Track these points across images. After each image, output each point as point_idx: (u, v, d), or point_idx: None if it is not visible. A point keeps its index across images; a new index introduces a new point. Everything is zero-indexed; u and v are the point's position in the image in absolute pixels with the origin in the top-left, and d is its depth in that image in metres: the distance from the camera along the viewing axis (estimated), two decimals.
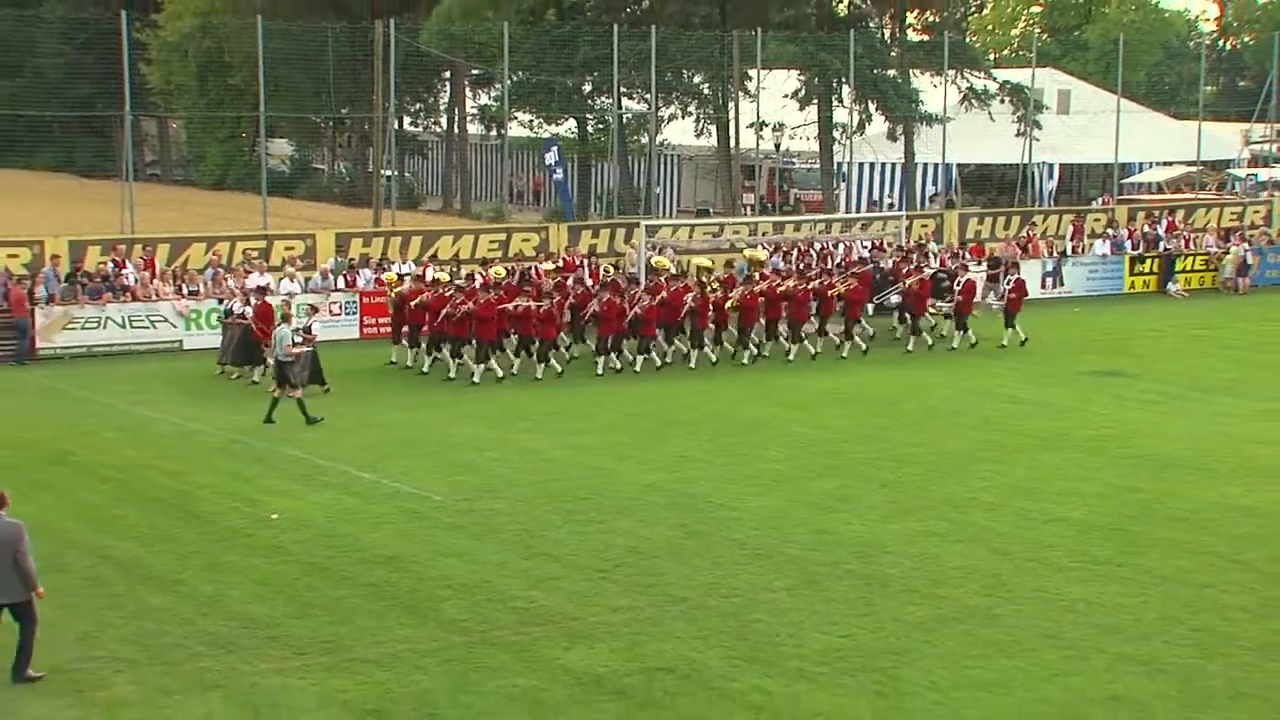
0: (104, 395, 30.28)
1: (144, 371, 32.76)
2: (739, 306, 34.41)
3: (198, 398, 30.13)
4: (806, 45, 56.74)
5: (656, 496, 23.03)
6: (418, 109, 73.30)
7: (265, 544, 20.47)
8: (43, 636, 16.49)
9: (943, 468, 25.09)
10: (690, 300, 33.93)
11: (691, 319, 34.15)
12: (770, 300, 34.92)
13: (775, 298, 34.92)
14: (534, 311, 32.30)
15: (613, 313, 32.98)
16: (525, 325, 32.51)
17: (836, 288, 35.95)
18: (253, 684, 15.63)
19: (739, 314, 34.53)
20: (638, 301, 33.33)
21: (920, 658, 16.54)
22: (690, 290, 34.23)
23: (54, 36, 79.62)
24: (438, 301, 32.25)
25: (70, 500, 22.57)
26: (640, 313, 33.24)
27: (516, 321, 32.60)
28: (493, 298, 32.11)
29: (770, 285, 34.96)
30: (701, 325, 34.20)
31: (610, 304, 33.01)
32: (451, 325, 32.01)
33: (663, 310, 33.72)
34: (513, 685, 15.65)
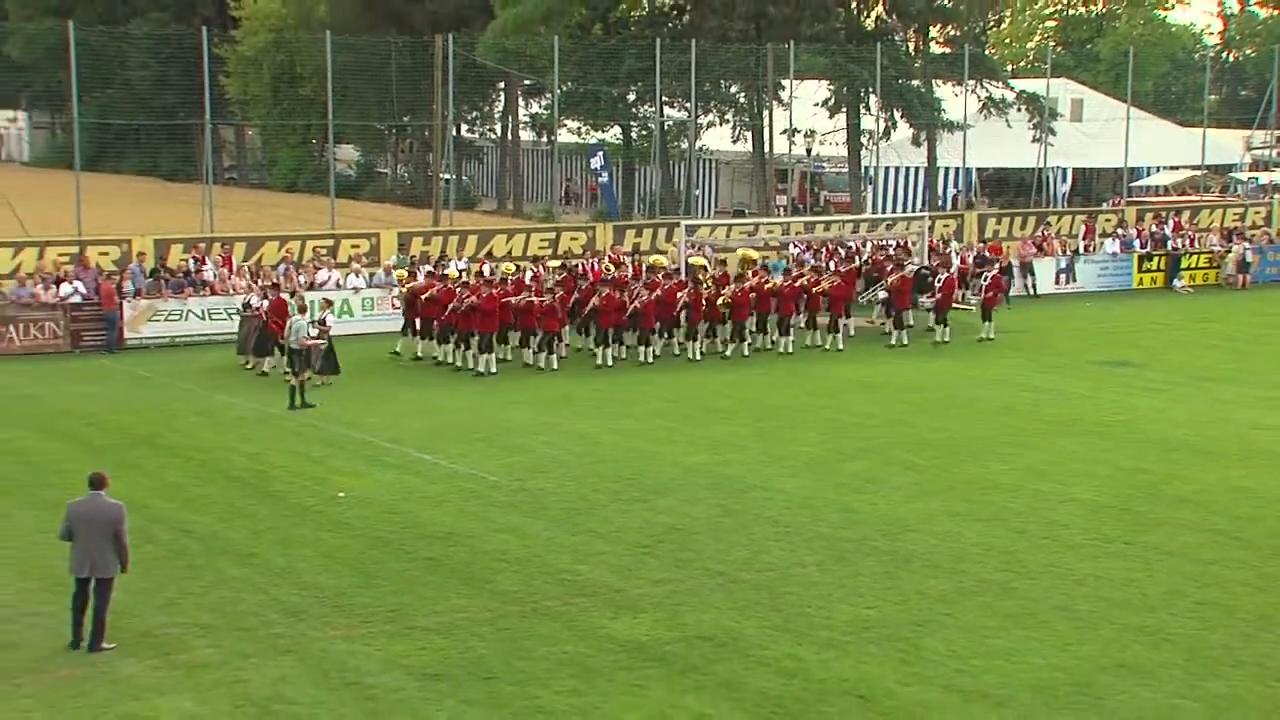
0: (186, 382, 30.44)
1: (222, 360, 32.85)
2: (730, 303, 33.93)
3: (272, 384, 30.22)
4: (836, 57, 56.55)
5: (696, 477, 23.01)
6: (474, 117, 73.42)
7: (333, 520, 20.54)
8: (132, 603, 16.66)
9: (963, 451, 24.99)
10: (684, 296, 33.56)
11: (687, 314, 33.77)
12: (760, 297, 34.46)
13: (765, 294, 34.48)
14: (537, 306, 31.95)
15: (612, 306, 32.61)
16: (528, 319, 32.14)
17: (821, 285, 35.50)
18: (322, 649, 15.70)
19: (730, 310, 34.06)
20: (636, 297, 32.98)
21: (941, 628, 16.50)
22: (685, 287, 33.87)
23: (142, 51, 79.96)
24: (446, 295, 31.93)
25: (156, 479, 22.69)
26: (639, 307, 32.88)
27: (520, 315, 32.22)
28: (495, 292, 31.67)
29: (759, 282, 34.54)
30: (696, 320, 33.81)
31: (610, 298, 32.64)
32: (457, 318, 31.72)
33: (659, 306, 33.31)
34: (561, 652, 15.68)
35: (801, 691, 14.71)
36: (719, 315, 34.09)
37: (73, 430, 26.20)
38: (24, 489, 21.93)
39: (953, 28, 60.27)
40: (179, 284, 35.83)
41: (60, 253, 36.54)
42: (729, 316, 34.19)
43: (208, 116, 45.66)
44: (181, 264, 36.93)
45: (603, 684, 14.84)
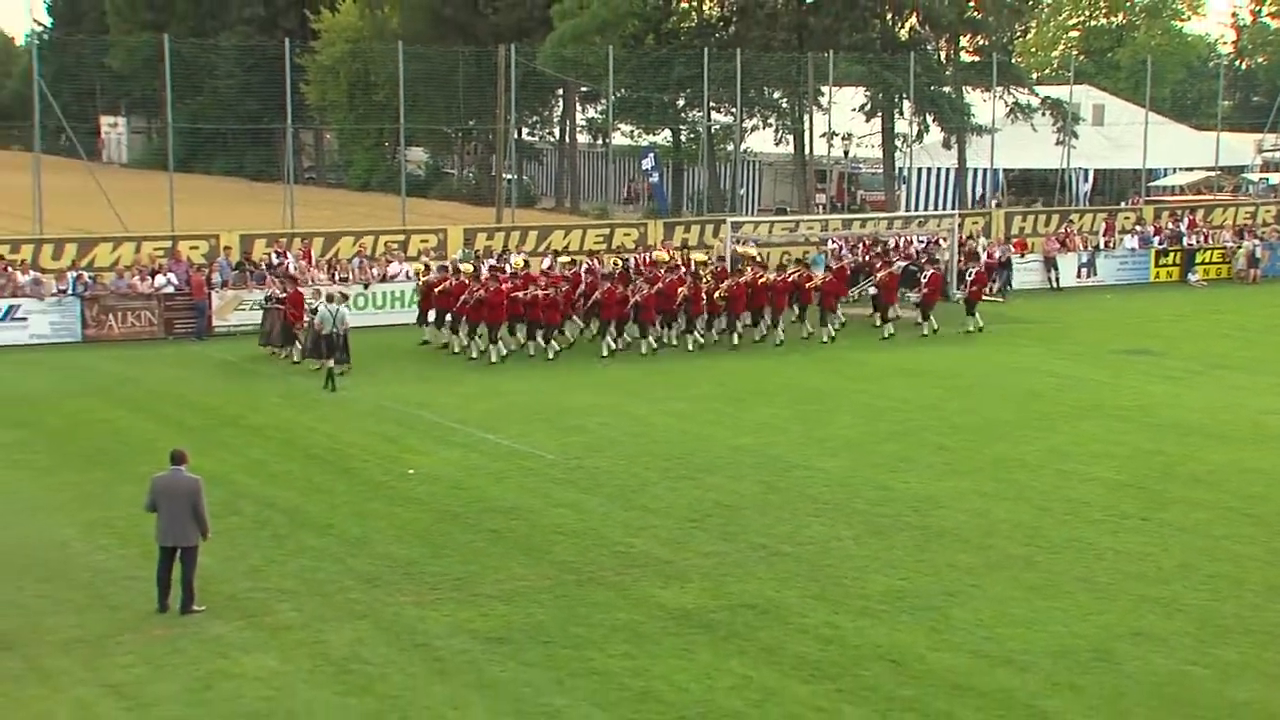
0: (268, 367, 30.60)
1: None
2: (727, 296, 33.27)
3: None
4: (872, 65, 56.26)
5: (742, 457, 22.97)
6: (534, 121, 73.42)
7: (404, 495, 20.62)
8: (220, 570, 16.80)
9: (992, 433, 24.85)
10: (685, 290, 33.01)
11: (686, 307, 33.19)
12: (755, 291, 33.83)
13: (760, 289, 33.83)
14: (541, 299, 31.49)
15: (613, 300, 32.19)
16: (534, 311, 31.59)
17: (814, 280, 34.94)
18: (394, 614, 15.77)
19: (727, 303, 33.36)
20: (638, 291, 32.49)
21: (969, 598, 16.43)
22: (684, 282, 33.33)
23: (229, 62, 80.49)
24: (458, 288, 31.71)
25: (242, 456, 22.84)
26: (640, 300, 32.40)
27: (526, 307, 31.66)
28: (504, 286, 31.35)
29: (754, 277, 33.91)
30: (696, 312, 33.27)
31: (611, 292, 32.22)
32: (468, 310, 31.45)
33: (660, 299, 32.79)
34: (615, 618, 15.69)
35: (838, 656, 14.68)
36: (717, 308, 33.38)
37: (166, 410, 26.41)
38: (123, 463, 22.14)
39: (982, 37, 59.80)
40: (262, 275, 35.99)
41: (155, 247, 36.81)
42: (725, 309, 33.44)
43: (289, 121, 45.80)
44: (264, 257, 37.11)
45: (653, 648, 14.85)
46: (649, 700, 13.59)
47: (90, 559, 17.52)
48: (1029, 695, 13.82)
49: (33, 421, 25.21)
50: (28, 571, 17.01)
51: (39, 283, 33.95)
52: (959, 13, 57.33)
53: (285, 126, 46.54)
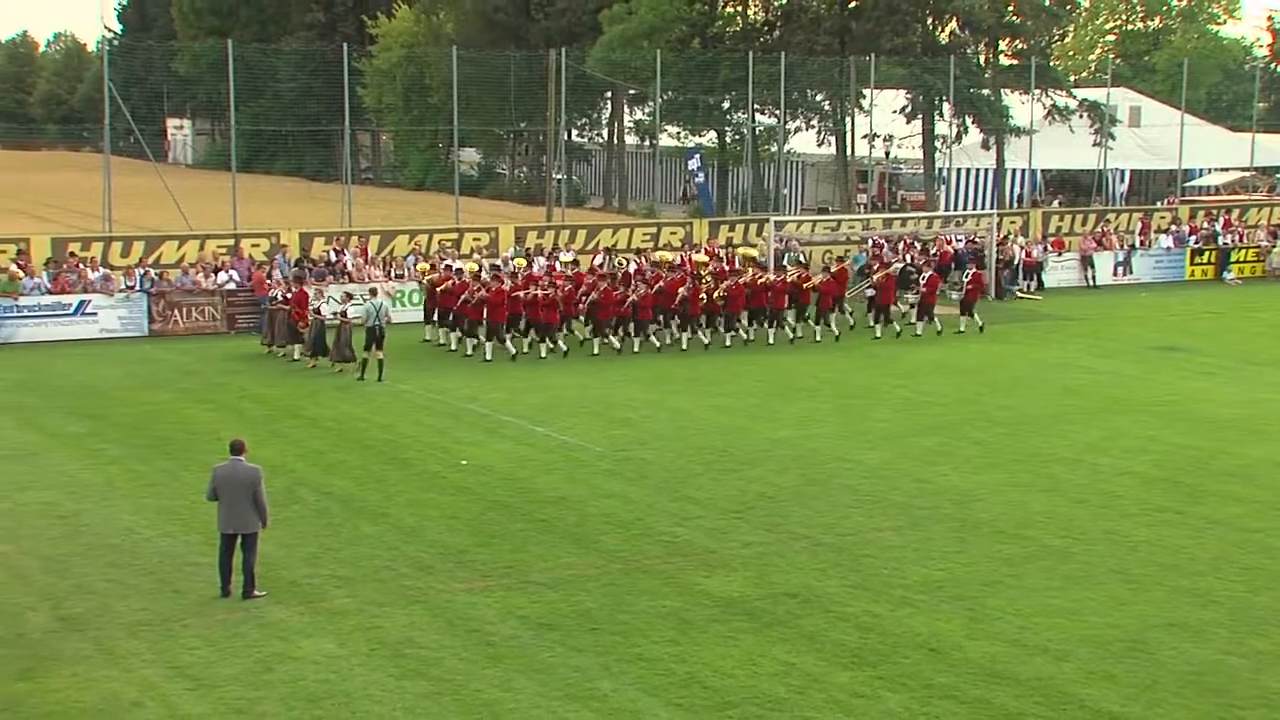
0: (326, 361, 30.75)
1: (358, 342, 32.95)
2: (726, 296, 32.79)
3: (402, 363, 30.47)
4: (913, 68, 56.00)
5: (783, 450, 22.93)
6: (583, 123, 73.44)
7: (456, 485, 20.69)
8: (279, 557, 16.91)
9: (1028, 428, 24.70)
10: (684, 291, 32.54)
11: (685, 307, 32.63)
12: (754, 292, 33.36)
13: (759, 290, 33.36)
14: (540, 299, 31.17)
15: (610, 300, 31.78)
16: (534, 311, 31.28)
17: (811, 281, 34.31)
18: (447, 600, 15.83)
19: (725, 303, 32.88)
20: (635, 290, 32.07)
21: (1006, 589, 16.34)
22: (684, 282, 32.88)
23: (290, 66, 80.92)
24: (459, 288, 31.46)
25: (301, 446, 22.97)
26: (638, 300, 31.95)
27: (526, 307, 31.38)
28: (505, 286, 31.01)
29: (753, 278, 33.44)
30: (694, 312, 32.73)
31: (609, 292, 31.82)
32: (469, 309, 31.19)
33: (659, 298, 32.42)
34: (661, 605, 15.70)
35: (878, 644, 14.63)
36: (716, 308, 32.88)
37: (228, 401, 26.61)
38: (188, 452, 22.33)
39: (1020, 41, 59.40)
40: (320, 273, 36.19)
41: (218, 245, 37.06)
42: (724, 309, 32.94)
43: (347, 123, 46.02)
44: (323, 255, 37.32)
45: (698, 635, 14.85)
46: (693, 685, 13.59)
47: (156, 545, 17.68)
48: (1065, 683, 13.73)
49: (103, 413, 25.46)
50: (97, 557, 17.19)
51: (108, 279, 34.29)
52: (998, 17, 56.96)
53: (343, 128, 46.76)
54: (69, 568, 16.79)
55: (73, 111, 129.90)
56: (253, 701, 13.12)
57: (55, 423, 24.72)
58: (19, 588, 16.11)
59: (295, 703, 13.10)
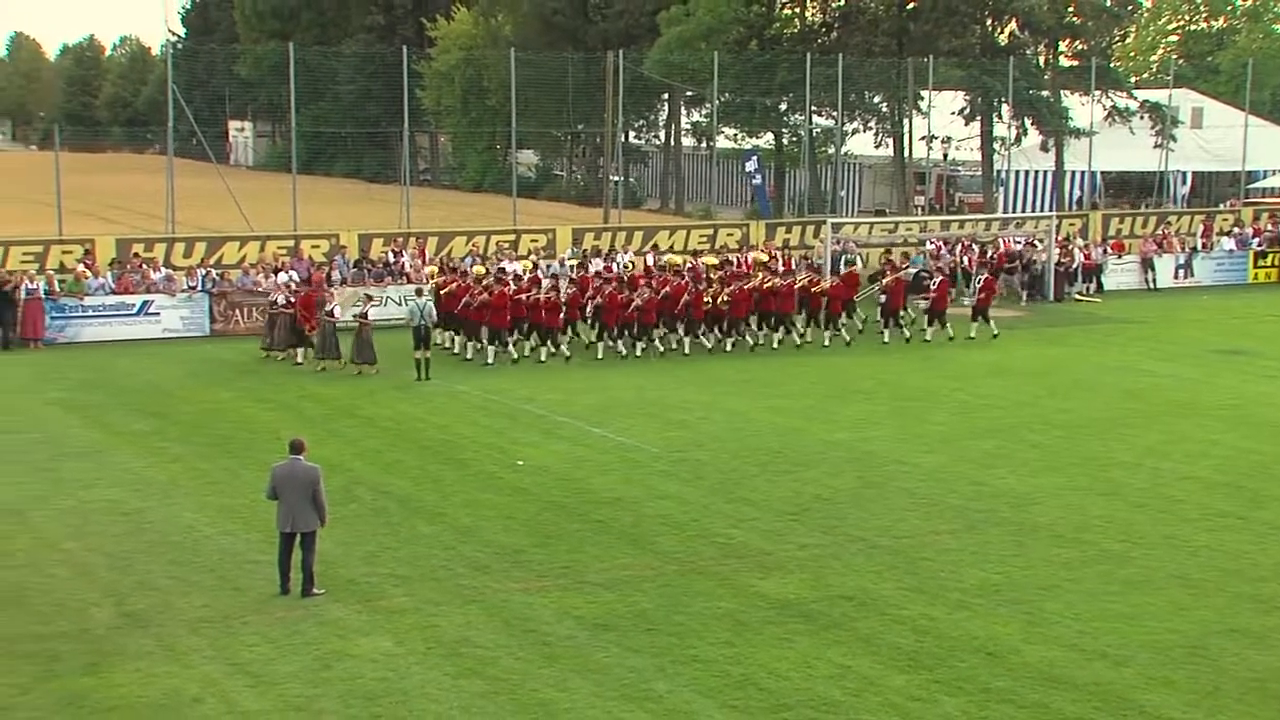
0: (384, 361, 30.86)
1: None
2: (731, 301, 32.34)
3: (460, 364, 30.63)
4: (972, 70, 55.65)
5: (839, 452, 22.85)
6: (640, 125, 73.57)
7: (513, 485, 20.76)
8: (337, 555, 17.03)
9: (1087, 431, 24.48)
10: (689, 295, 32.11)
11: (689, 311, 32.21)
12: (761, 297, 32.93)
13: (766, 294, 32.94)
14: (542, 302, 30.94)
15: (614, 304, 31.53)
16: (536, 314, 30.97)
17: (821, 285, 33.74)
18: (503, 600, 15.88)
19: (730, 307, 32.41)
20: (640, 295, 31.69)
21: (1064, 593, 16.21)
22: (688, 286, 32.44)
23: (350, 68, 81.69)
24: (462, 291, 31.13)
25: (358, 446, 23.13)
26: (642, 304, 31.60)
27: (529, 310, 31.06)
28: (508, 289, 30.72)
29: (760, 283, 33.02)
30: (698, 316, 32.30)
31: (613, 296, 31.59)
32: (471, 312, 30.92)
33: (664, 303, 32.05)
34: (716, 607, 15.68)
35: (934, 647, 14.55)
36: (720, 312, 32.44)
37: (288, 400, 26.82)
38: (248, 451, 22.53)
39: (1081, 42, 58.87)
40: (379, 273, 36.45)
41: (278, 245, 37.38)
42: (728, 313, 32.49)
43: (406, 125, 46.32)
44: (381, 255, 37.56)
45: (753, 637, 14.82)
46: (748, 687, 13.57)
47: (217, 543, 17.85)
48: (1124, 688, 13.60)
49: (165, 411, 25.75)
50: (160, 554, 17.39)
51: (171, 279, 34.68)
52: (1058, 18, 56.53)
53: (402, 130, 47.08)
54: (132, 564, 16.99)
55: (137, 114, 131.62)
56: (311, 699, 13.22)
57: (119, 421, 25.03)
58: (84, 584, 16.32)
59: (353, 700, 13.19)
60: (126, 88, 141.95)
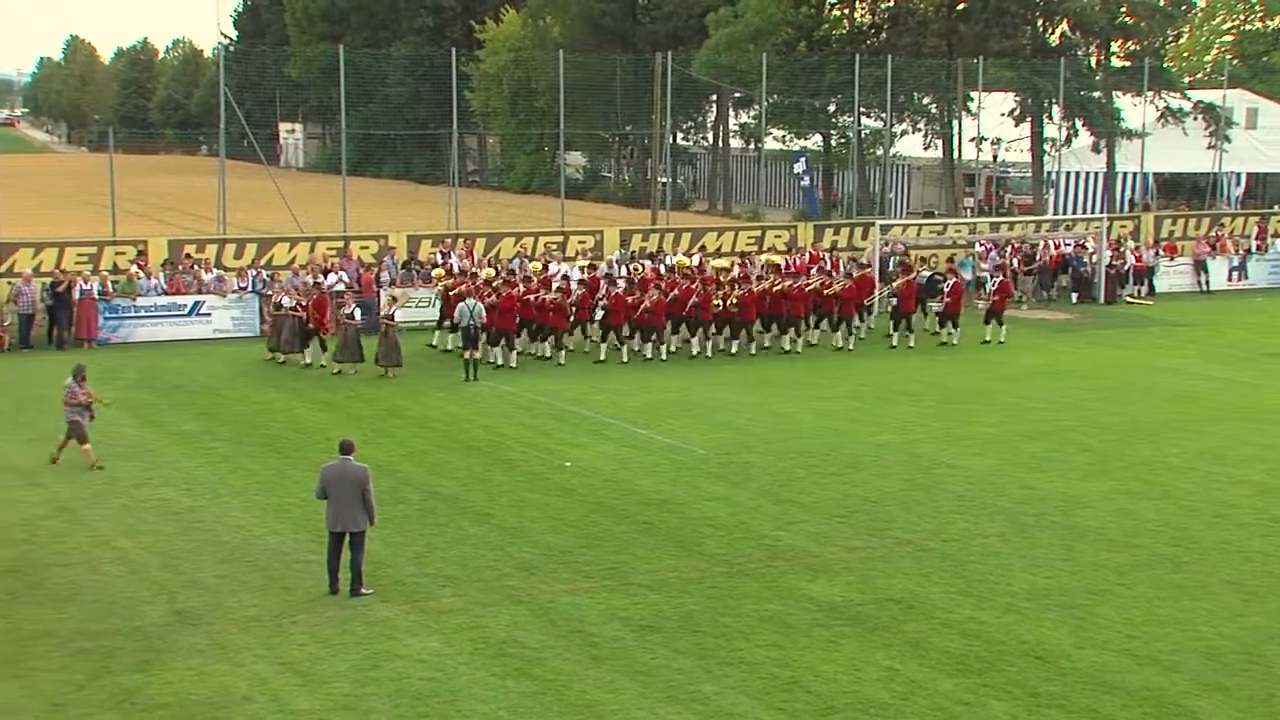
0: (431, 361, 31.05)
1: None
2: (740, 303, 31.94)
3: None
4: (1022, 71, 55.30)
5: (886, 454, 22.76)
6: (688, 126, 73.55)
7: (560, 486, 20.80)
8: (385, 555, 17.11)
9: (1138, 435, 24.28)
10: (697, 297, 31.77)
11: (697, 313, 31.88)
12: (772, 299, 32.55)
13: (776, 297, 32.57)
14: (549, 304, 30.72)
15: (620, 306, 31.29)
16: (543, 316, 30.80)
17: (833, 288, 33.29)
18: (550, 600, 15.91)
19: (739, 310, 32.00)
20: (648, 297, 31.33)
21: (1115, 597, 16.08)
22: (696, 289, 31.98)
23: (399, 70, 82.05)
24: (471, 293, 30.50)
25: (407, 446, 23.23)
26: (650, 306, 31.27)
27: (537, 311, 30.87)
28: (515, 292, 30.49)
29: (770, 285, 32.66)
30: (706, 318, 31.96)
31: (619, 298, 31.37)
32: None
33: (672, 305, 31.75)
34: (763, 609, 15.65)
35: (983, 651, 14.47)
36: (730, 314, 32.09)
37: (337, 401, 26.97)
38: (298, 451, 22.68)
39: (1133, 43, 58.39)
40: (428, 274, 36.53)
41: (328, 246, 37.57)
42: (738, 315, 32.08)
43: (455, 127, 46.50)
44: (430, 256, 37.68)
45: (800, 639, 14.79)
46: (796, 690, 13.53)
47: (266, 542, 17.98)
48: (1177, 695, 13.48)
49: (216, 411, 25.96)
50: (210, 553, 17.53)
51: (222, 280, 34.92)
52: (1110, 18, 56.08)
53: (451, 132, 47.24)
54: (183, 563, 17.14)
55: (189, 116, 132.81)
56: (359, 698, 13.29)
57: (171, 420, 25.26)
58: (137, 582, 16.48)
59: (401, 700, 13.25)
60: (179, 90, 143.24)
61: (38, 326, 32.76)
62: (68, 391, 21.45)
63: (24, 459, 22.19)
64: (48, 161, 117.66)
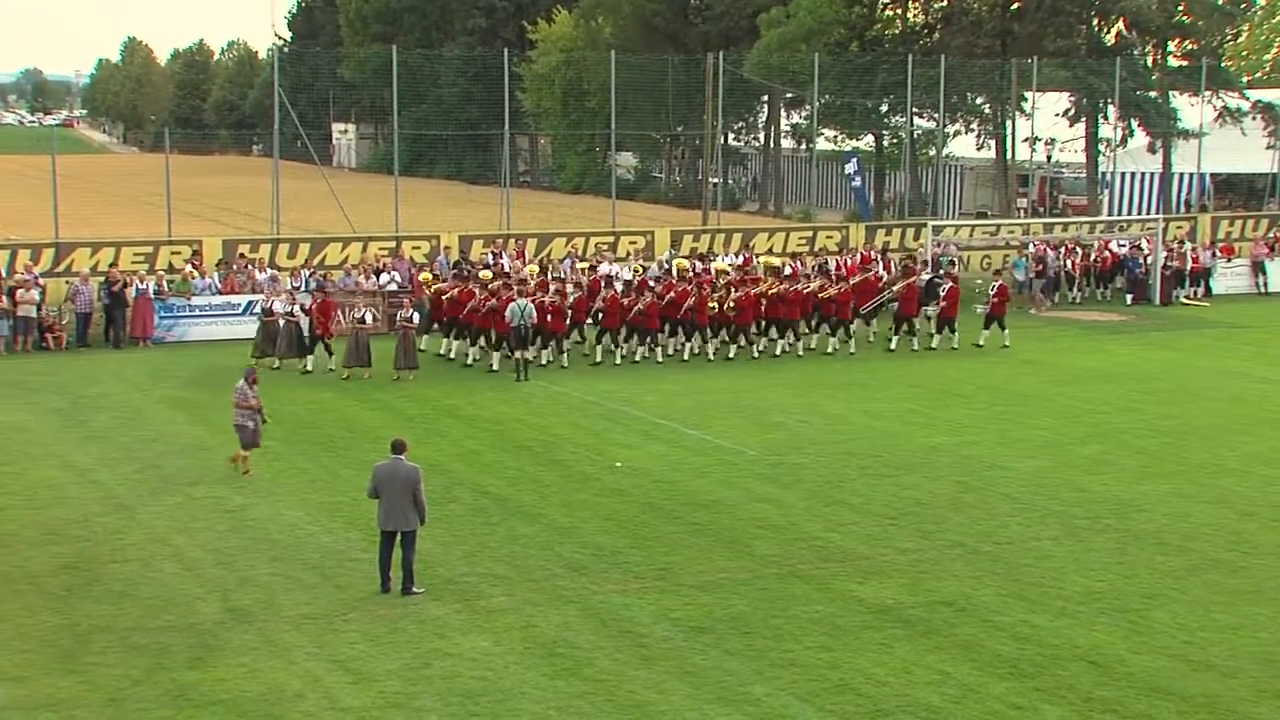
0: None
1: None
2: (736, 306, 31.64)
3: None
4: (1077, 71, 54.85)
5: (938, 456, 22.65)
6: (740, 126, 73.41)
7: (610, 487, 20.82)
8: (436, 555, 17.19)
9: (1193, 437, 24.05)
10: (691, 300, 31.48)
11: (692, 316, 31.65)
12: (769, 303, 32.28)
13: (772, 300, 32.27)
14: (547, 306, 30.35)
15: (614, 308, 31.09)
16: (540, 318, 30.12)
17: (829, 291, 32.79)
18: (600, 601, 15.94)
19: (736, 314, 31.68)
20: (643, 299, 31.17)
21: (1170, 602, 15.93)
22: (691, 291, 31.70)
23: (452, 71, 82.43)
24: (465, 296, 30.75)
25: (458, 446, 23.32)
26: (644, 309, 31.07)
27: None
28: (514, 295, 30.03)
29: (766, 289, 32.33)
30: (702, 322, 31.76)
31: (613, 300, 31.14)
32: (476, 318, 30.54)
33: (667, 308, 31.48)
34: (814, 611, 15.62)
35: (1036, 655, 14.38)
36: (726, 318, 31.81)
37: (388, 401, 27.11)
38: (350, 450, 22.82)
39: (1191, 42, 57.81)
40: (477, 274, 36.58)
41: (380, 246, 37.82)
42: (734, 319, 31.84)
43: (506, 127, 46.65)
44: (481, 257, 37.82)
45: (851, 641, 14.74)
46: (847, 692, 13.49)
47: (319, 540, 18.11)
48: (1234, 701, 13.34)
49: (269, 410, 26.05)
50: (263, 550, 17.67)
51: (275, 280, 35.16)
52: (1168, 17, 55.55)
53: (502, 132, 47.41)
54: (236, 560, 17.29)
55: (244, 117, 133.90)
56: (410, 696, 13.36)
57: (224, 419, 25.33)
58: (191, 579, 16.64)
59: (452, 699, 13.31)
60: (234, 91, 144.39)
61: (94, 325, 33.16)
62: (239, 394, 21.06)
63: (81, 456, 22.47)
64: (105, 162, 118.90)
